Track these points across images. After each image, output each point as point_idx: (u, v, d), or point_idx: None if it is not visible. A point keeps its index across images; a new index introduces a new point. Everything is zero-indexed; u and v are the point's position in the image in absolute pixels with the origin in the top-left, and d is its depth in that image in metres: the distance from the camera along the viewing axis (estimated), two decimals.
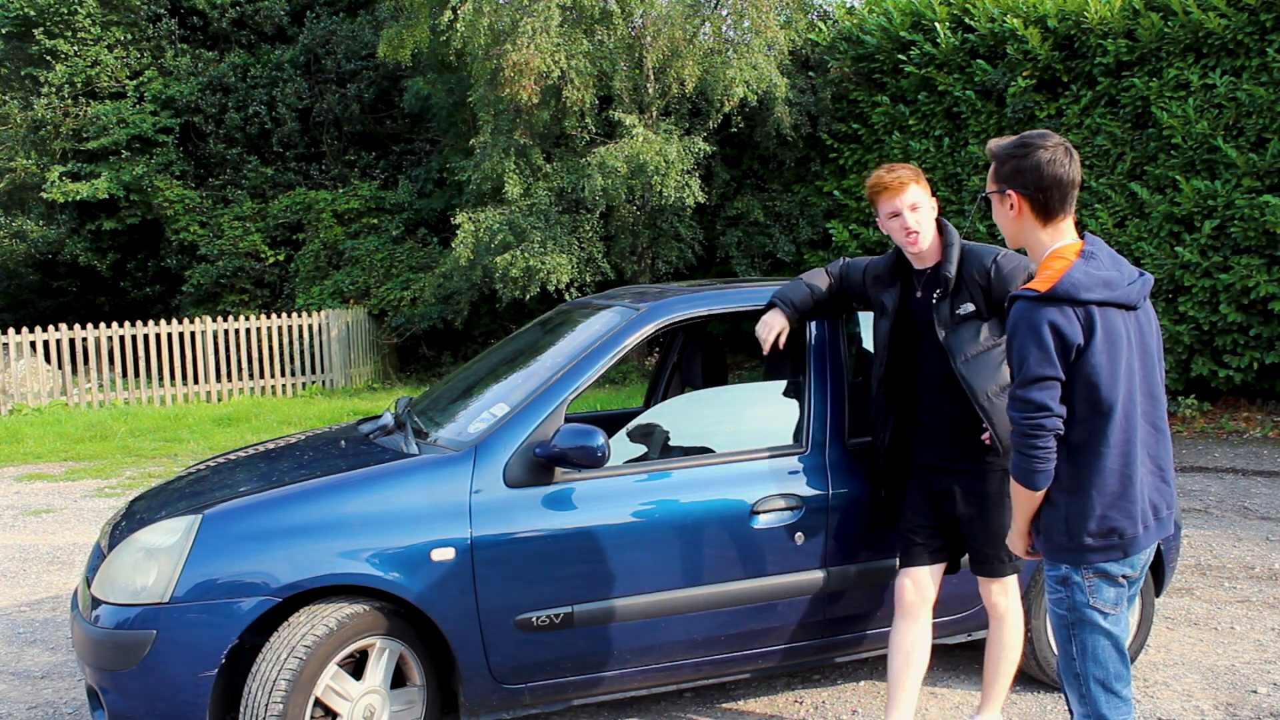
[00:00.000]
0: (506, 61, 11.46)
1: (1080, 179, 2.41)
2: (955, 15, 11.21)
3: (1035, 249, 2.44)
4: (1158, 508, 2.39)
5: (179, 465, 8.78)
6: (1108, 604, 2.37)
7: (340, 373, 14.42)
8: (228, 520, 2.98)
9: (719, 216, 13.89)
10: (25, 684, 4.10)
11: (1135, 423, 2.33)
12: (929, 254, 3.15)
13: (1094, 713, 2.39)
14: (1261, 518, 6.28)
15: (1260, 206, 8.76)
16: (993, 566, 3.15)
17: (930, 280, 3.14)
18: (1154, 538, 2.39)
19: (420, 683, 3.12)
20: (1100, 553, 2.33)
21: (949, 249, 3.12)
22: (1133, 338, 2.34)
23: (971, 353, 3.02)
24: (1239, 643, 4.26)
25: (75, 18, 17.08)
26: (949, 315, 3.07)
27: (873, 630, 3.55)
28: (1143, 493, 2.35)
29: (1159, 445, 2.40)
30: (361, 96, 17.45)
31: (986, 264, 3.04)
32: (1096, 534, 2.32)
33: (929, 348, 3.13)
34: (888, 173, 3.12)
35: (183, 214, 17.01)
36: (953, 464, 3.14)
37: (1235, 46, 9.06)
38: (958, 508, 3.14)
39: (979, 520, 3.11)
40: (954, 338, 3.05)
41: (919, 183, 3.11)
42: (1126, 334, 2.32)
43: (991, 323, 3.04)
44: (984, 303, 3.05)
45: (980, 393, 2.99)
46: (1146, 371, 2.38)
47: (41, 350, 12.90)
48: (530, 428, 3.16)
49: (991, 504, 3.09)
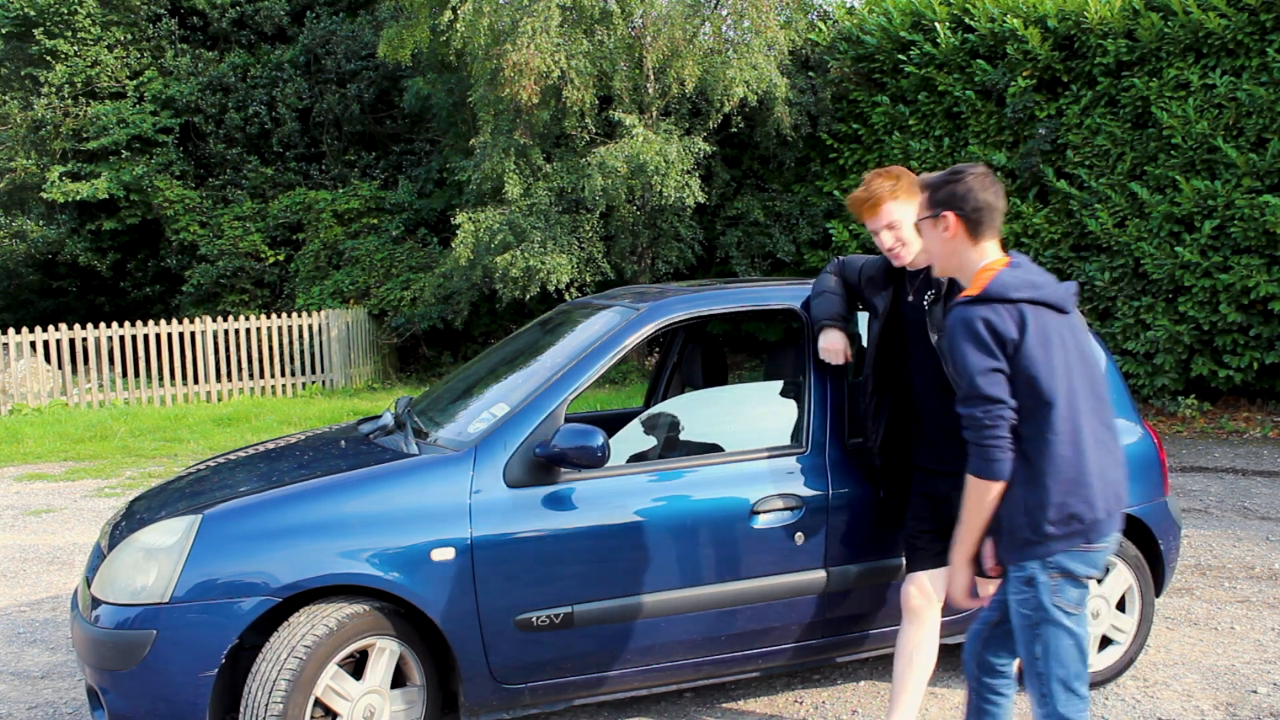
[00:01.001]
0: (506, 61, 11.47)
1: (1004, 206, 2.62)
2: (955, 15, 11.22)
3: (967, 267, 2.63)
4: (1121, 497, 2.50)
5: (179, 465, 8.79)
6: (1071, 604, 2.45)
7: (340, 373, 14.42)
8: (228, 520, 2.97)
9: (719, 216, 13.90)
10: (25, 684, 4.10)
11: (1081, 414, 2.44)
12: (921, 256, 3.13)
13: (1053, 712, 2.46)
14: (1261, 518, 6.28)
15: (1260, 206, 8.76)
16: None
17: (924, 283, 3.12)
18: (1117, 525, 2.49)
19: (420, 683, 3.12)
20: (1063, 540, 2.42)
21: None
22: (1068, 340, 2.47)
23: None
24: (1239, 643, 4.27)
25: (75, 18, 17.09)
26: (942, 317, 3.05)
27: (873, 630, 3.56)
28: (1103, 479, 2.45)
29: (1114, 440, 2.51)
30: (361, 96, 17.45)
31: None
32: (1056, 521, 2.41)
33: (923, 351, 3.12)
34: (864, 191, 3.11)
35: (183, 214, 17.02)
36: (949, 467, 3.13)
37: (1235, 46, 9.06)
38: (955, 510, 3.14)
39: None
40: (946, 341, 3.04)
41: (896, 198, 3.06)
42: (1060, 334, 2.46)
43: None
44: None
45: None
46: (1088, 371, 2.50)
47: (41, 350, 12.90)
48: (530, 428, 3.16)
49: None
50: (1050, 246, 10.45)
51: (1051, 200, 10.45)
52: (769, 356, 4.54)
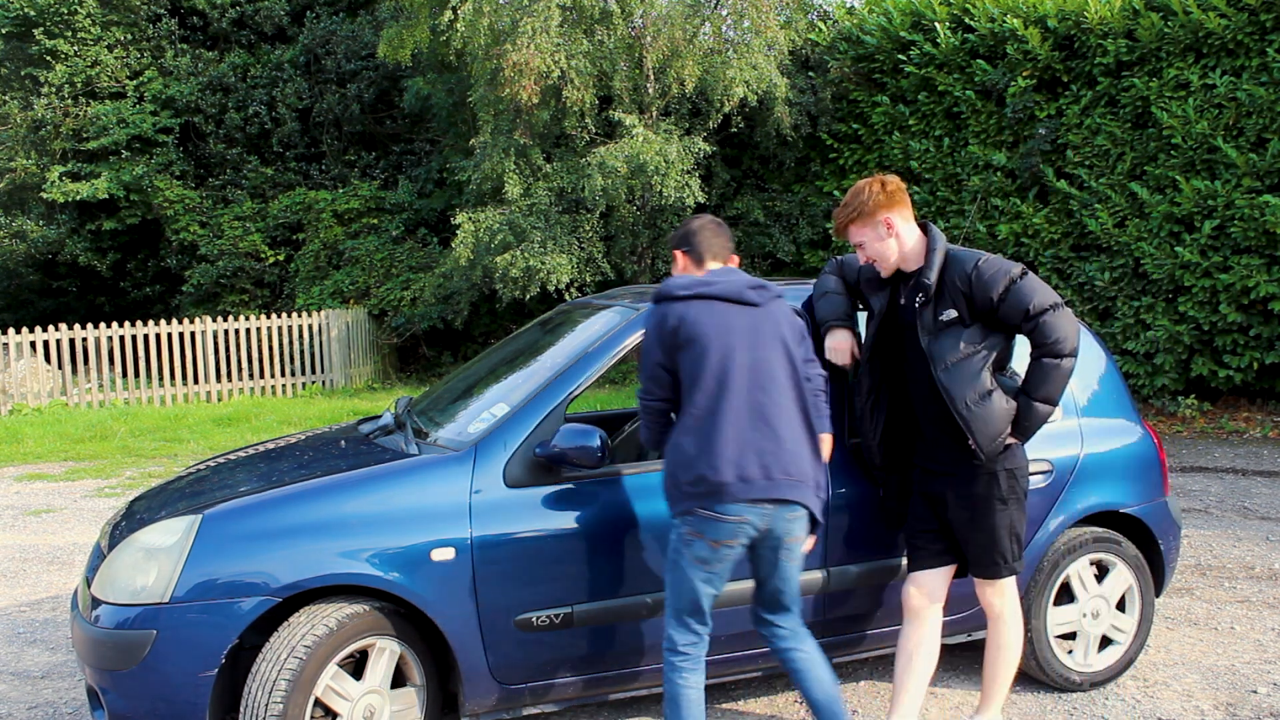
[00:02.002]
0: (506, 61, 11.46)
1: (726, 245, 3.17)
2: (955, 15, 11.22)
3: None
4: (768, 468, 2.80)
5: (179, 465, 8.79)
6: (696, 556, 2.83)
7: (340, 373, 14.42)
8: (228, 520, 2.97)
9: (719, 216, 13.89)
10: (25, 684, 4.10)
11: (730, 392, 2.82)
12: (912, 259, 3.13)
13: (667, 633, 2.91)
14: (1261, 518, 6.28)
15: (1260, 206, 8.76)
16: (987, 568, 3.16)
17: (914, 287, 3.12)
18: (761, 493, 2.79)
19: (420, 683, 3.12)
20: (694, 500, 2.81)
21: (932, 254, 3.09)
22: (734, 324, 2.87)
23: (952, 360, 3.01)
24: (1239, 643, 4.27)
25: (75, 18, 17.08)
26: (932, 321, 3.06)
27: (873, 630, 3.56)
28: (741, 451, 2.79)
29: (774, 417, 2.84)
30: (361, 96, 17.45)
31: (968, 269, 3.01)
32: (687, 482, 2.81)
33: (917, 353, 3.12)
34: (839, 209, 3.19)
35: (183, 214, 17.01)
36: (945, 467, 3.15)
37: (1235, 46, 9.06)
38: (950, 511, 3.15)
39: (971, 523, 3.12)
40: (936, 345, 3.04)
41: (854, 220, 3.12)
42: (726, 322, 2.86)
43: (973, 329, 3.02)
44: (966, 309, 3.02)
45: (959, 400, 2.98)
46: (761, 355, 2.87)
47: (41, 350, 12.90)
48: (530, 428, 3.16)
49: (982, 507, 3.09)
50: (1050, 246, 10.46)
51: (1051, 200, 10.45)
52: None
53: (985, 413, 2.98)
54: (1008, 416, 3.01)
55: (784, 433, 2.85)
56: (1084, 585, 3.78)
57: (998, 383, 3.04)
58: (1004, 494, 3.08)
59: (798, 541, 2.92)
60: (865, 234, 3.12)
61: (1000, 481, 3.08)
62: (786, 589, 2.96)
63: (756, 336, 2.89)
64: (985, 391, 2.98)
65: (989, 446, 3.00)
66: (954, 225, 11.23)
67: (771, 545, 2.88)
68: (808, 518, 2.91)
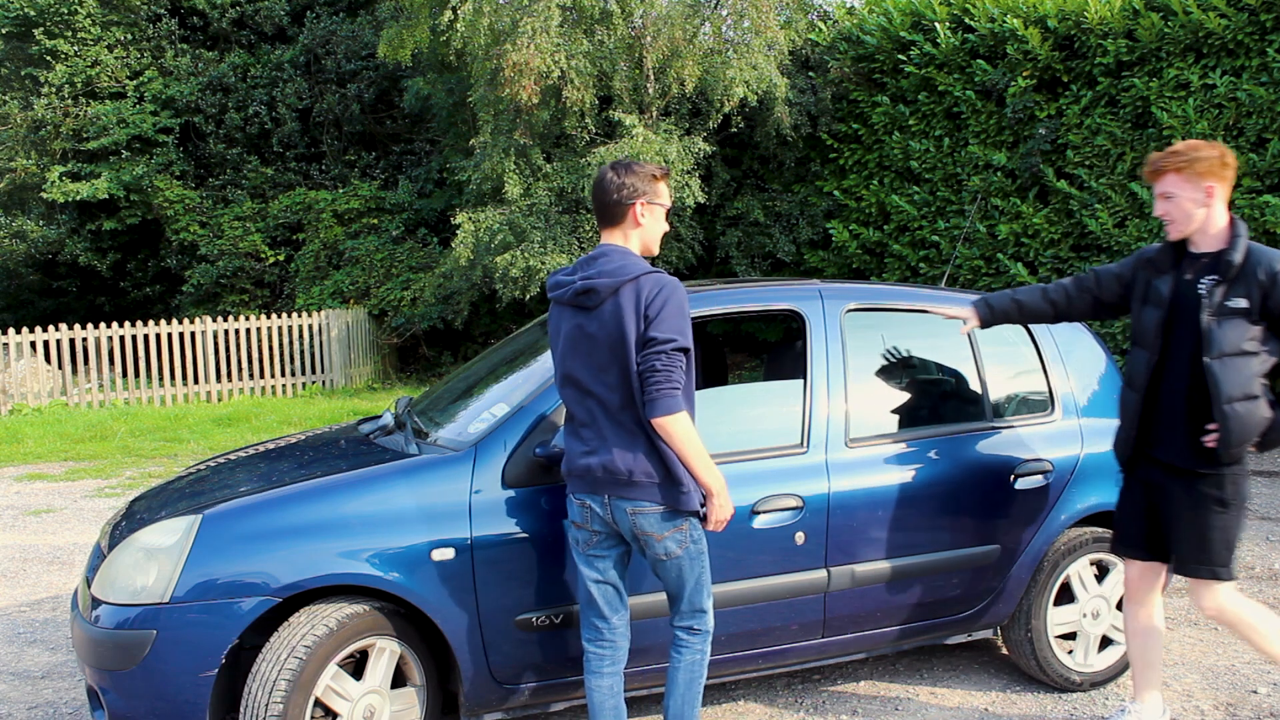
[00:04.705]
0: (506, 62, 11.46)
1: (605, 200, 2.89)
2: (955, 15, 11.22)
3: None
4: (590, 467, 2.81)
5: (179, 465, 8.79)
6: (574, 535, 2.94)
7: (340, 373, 14.42)
8: (228, 520, 2.97)
9: (719, 216, 13.89)
10: (25, 684, 4.10)
11: (571, 393, 2.87)
12: (1210, 238, 3.03)
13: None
14: (1261, 518, 6.28)
15: (1260, 206, 8.76)
16: (1191, 569, 3.09)
17: (1208, 265, 3.01)
18: (600, 489, 2.81)
19: (420, 683, 3.12)
20: (566, 478, 2.93)
21: (1237, 239, 2.99)
22: (567, 326, 2.87)
23: (1228, 349, 2.92)
24: (1239, 643, 4.26)
25: (75, 18, 17.07)
26: (1220, 304, 2.95)
27: (874, 630, 3.55)
28: (573, 444, 2.88)
29: (599, 419, 2.81)
30: (361, 96, 17.45)
31: (1276, 267, 2.91)
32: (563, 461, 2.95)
33: (1186, 335, 3.01)
34: (1164, 154, 3.05)
35: (183, 214, 17.01)
36: (1176, 460, 3.07)
37: (1235, 46, 9.06)
38: (1170, 505, 3.11)
39: (1187, 521, 3.07)
40: (1216, 329, 2.93)
41: (1180, 170, 2.99)
42: (566, 323, 2.87)
43: (1258, 328, 2.94)
44: (1259, 303, 2.93)
45: (1224, 395, 2.90)
46: (590, 359, 2.80)
47: (41, 350, 12.90)
48: (530, 428, 3.16)
49: (1203, 507, 3.04)
50: (1050, 246, 10.46)
51: (1051, 200, 10.45)
52: (769, 356, 4.55)
53: (1246, 414, 2.90)
54: (1263, 426, 2.94)
55: (620, 436, 2.84)
56: (1084, 585, 3.78)
57: (1265, 390, 2.96)
58: (1228, 498, 3.03)
59: (650, 535, 2.81)
60: (1183, 188, 3.00)
61: (1227, 485, 3.02)
62: (667, 590, 2.96)
63: (589, 342, 2.86)
64: (1252, 394, 2.91)
65: (1235, 450, 2.94)
66: (954, 225, 11.23)
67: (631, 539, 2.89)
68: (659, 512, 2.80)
